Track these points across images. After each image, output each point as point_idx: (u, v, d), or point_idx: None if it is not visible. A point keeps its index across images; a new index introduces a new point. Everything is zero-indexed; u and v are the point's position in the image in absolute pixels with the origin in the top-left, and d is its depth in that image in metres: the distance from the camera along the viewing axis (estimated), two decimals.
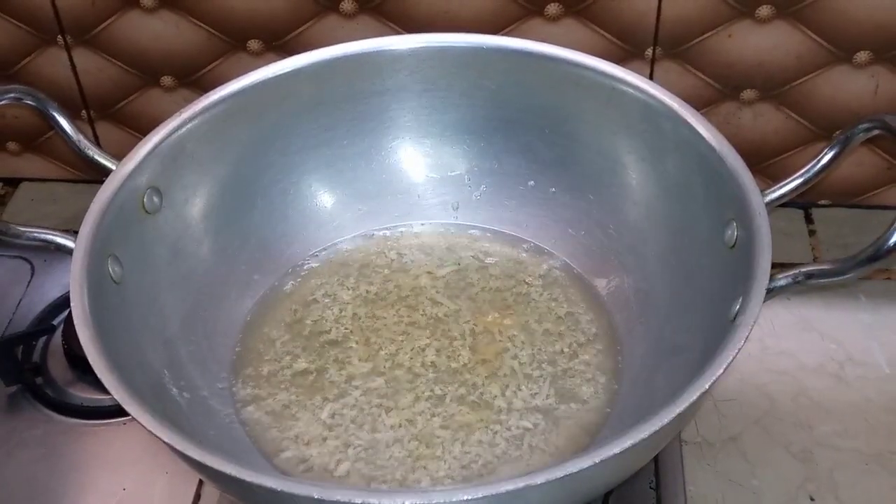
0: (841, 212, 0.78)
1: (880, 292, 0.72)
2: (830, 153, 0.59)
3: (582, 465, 0.45)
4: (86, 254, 0.56)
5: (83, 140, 0.63)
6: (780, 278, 0.55)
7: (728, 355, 0.49)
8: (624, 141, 0.66)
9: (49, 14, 0.75)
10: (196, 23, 0.74)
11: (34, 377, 0.69)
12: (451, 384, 0.63)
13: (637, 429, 0.46)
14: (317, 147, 0.70)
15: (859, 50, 0.69)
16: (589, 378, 0.63)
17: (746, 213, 0.56)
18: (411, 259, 0.71)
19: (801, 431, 0.64)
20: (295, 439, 0.61)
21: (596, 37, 0.71)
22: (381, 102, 0.69)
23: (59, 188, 0.85)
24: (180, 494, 0.62)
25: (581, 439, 0.60)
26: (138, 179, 0.61)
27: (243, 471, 0.46)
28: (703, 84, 0.73)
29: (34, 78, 0.78)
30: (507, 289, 0.69)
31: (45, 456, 0.65)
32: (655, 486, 0.61)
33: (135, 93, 0.79)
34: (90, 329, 0.52)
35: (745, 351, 0.50)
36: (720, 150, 0.59)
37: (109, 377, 0.50)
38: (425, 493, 0.52)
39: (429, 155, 0.72)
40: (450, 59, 0.68)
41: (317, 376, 0.64)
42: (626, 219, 0.67)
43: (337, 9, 0.72)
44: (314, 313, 0.68)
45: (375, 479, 0.58)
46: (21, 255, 0.77)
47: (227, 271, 0.68)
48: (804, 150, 0.75)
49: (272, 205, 0.70)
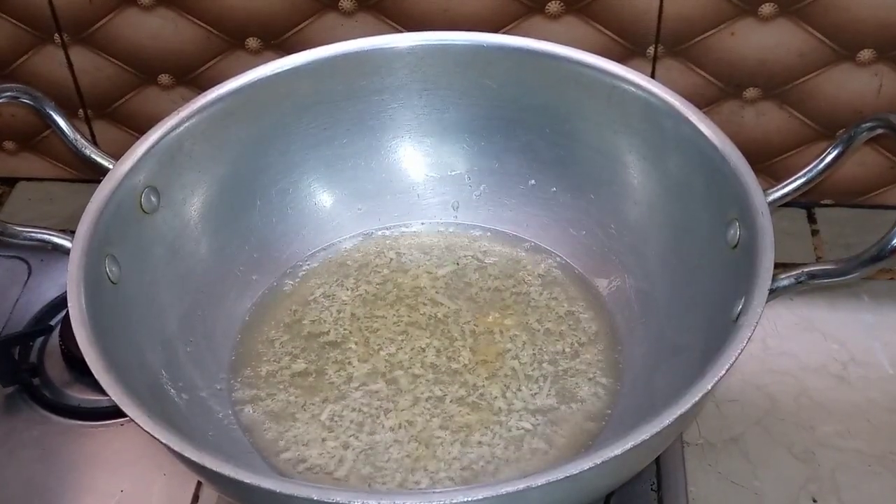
0: (844, 211, 0.78)
1: (883, 292, 0.72)
2: (833, 152, 0.58)
3: (583, 467, 0.45)
4: (83, 253, 0.56)
5: (80, 139, 0.63)
6: (783, 278, 0.54)
7: (730, 356, 0.49)
8: (625, 140, 0.66)
9: (46, 12, 0.75)
10: (194, 21, 0.74)
11: (31, 378, 0.69)
12: (450, 385, 0.63)
13: (639, 430, 0.46)
14: (316, 146, 0.70)
15: (862, 48, 0.69)
16: (590, 378, 0.63)
17: (749, 212, 0.55)
18: (411, 259, 0.71)
19: (804, 432, 0.64)
20: (294, 440, 0.60)
21: (597, 35, 0.71)
22: (380, 101, 0.69)
23: (56, 188, 0.85)
24: (178, 496, 0.62)
25: (582, 440, 0.60)
26: (136, 179, 0.61)
27: (242, 472, 0.46)
28: (705, 82, 0.72)
29: (31, 76, 0.78)
30: (508, 289, 0.68)
31: (42, 457, 0.65)
32: (657, 488, 0.61)
33: (132, 91, 0.78)
34: (87, 329, 0.52)
35: (746, 351, 0.49)
36: (722, 149, 0.58)
37: (107, 378, 0.50)
38: (425, 494, 0.52)
39: (429, 154, 0.72)
40: (450, 58, 0.67)
41: (316, 377, 0.64)
42: (627, 218, 0.67)
43: (336, 7, 0.72)
44: (313, 313, 0.68)
45: (375, 480, 0.58)
46: (18, 254, 0.77)
47: (225, 271, 0.67)
48: (807, 150, 0.75)
49: (271, 204, 0.69)
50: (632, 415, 0.59)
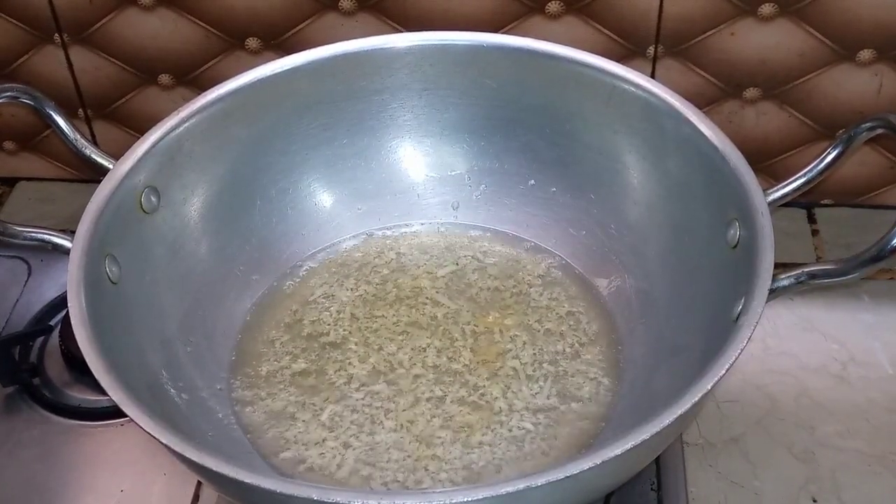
0: (844, 211, 0.78)
1: (883, 292, 0.72)
2: (833, 152, 0.58)
3: (583, 467, 0.45)
4: (83, 253, 0.56)
5: (80, 139, 0.63)
6: (783, 278, 0.54)
7: (730, 356, 0.49)
8: (625, 140, 0.66)
9: (46, 12, 0.75)
10: (194, 21, 0.74)
11: (31, 378, 0.69)
12: (451, 385, 0.63)
13: (639, 430, 0.46)
14: (316, 146, 0.70)
15: (862, 48, 0.69)
16: (590, 378, 0.63)
17: (749, 212, 0.55)
18: (411, 259, 0.71)
19: (804, 432, 0.64)
20: (294, 440, 0.60)
21: (597, 35, 0.71)
22: (380, 101, 0.69)
23: (56, 187, 0.85)
24: (179, 496, 0.62)
25: (582, 440, 0.60)
26: (136, 179, 0.61)
27: (242, 472, 0.46)
28: (705, 82, 0.72)
29: (31, 76, 0.78)
30: (508, 289, 0.68)
31: (42, 457, 0.65)
32: (657, 488, 0.61)
33: (132, 91, 0.78)
34: (87, 329, 0.52)
35: (746, 351, 0.49)
36: (722, 149, 0.58)
37: (107, 378, 0.50)
38: (425, 494, 0.52)
39: (428, 154, 0.72)
40: (450, 58, 0.67)
41: (316, 377, 0.64)
42: (627, 218, 0.67)
43: (336, 7, 0.72)
44: (313, 313, 0.68)
45: (375, 480, 0.58)
46: (18, 254, 0.77)
47: (225, 271, 0.67)
48: (807, 150, 0.75)
49: (271, 204, 0.69)
50: (632, 415, 0.59)
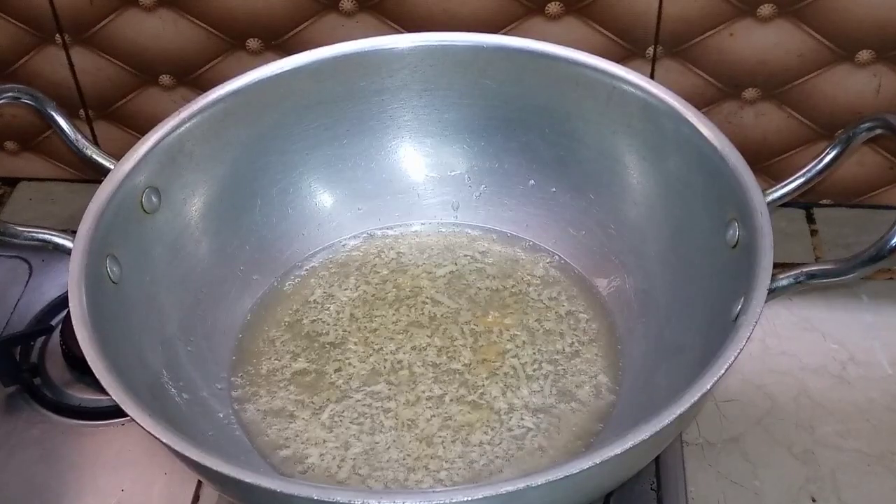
0: (843, 212, 0.78)
1: (882, 292, 0.72)
2: (832, 153, 0.58)
3: (583, 466, 0.45)
4: (84, 254, 0.56)
5: (81, 139, 0.63)
6: (782, 278, 0.54)
7: (730, 355, 0.49)
8: (625, 140, 0.66)
9: (47, 13, 0.75)
10: (195, 21, 0.74)
11: (32, 378, 0.69)
12: (451, 384, 0.63)
13: (638, 429, 0.46)
14: (316, 146, 0.70)
15: (861, 49, 0.69)
16: (590, 378, 0.63)
17: (748, 212, 0.55)
18: (411, 259, 0.71)
19: (803, 432, 0.64)
20: (294, 440, 0.61)
21: (597, 35, 0.71)
22: (380, 101, 0.69)
23: (58, 188, 0.85)
24: (179, 495, 0.62)
25: (582, 440, 0.60)
26: (137, 179, 0.61)
27: (242, 471, 0.46)
28: (704, 83, 0.73)
29: (32, 77, 0.78)
30: (507, 288, 0.68)
31: (43, 457, 0.65)
32: (656, 488, 0.61)
33: (133, 92, 0.79)
34: (88, 329, 0.52)
35: (746, 351, 0.49)
36: (721, 149, 0.58)
37: (108, 377, 0.50)
38: (425, 494, 0.52)
39: (429, 154, 0.72)
40: (450, 58, 0.67)
41: (316, 376, 0.64)
42: (626, 218, 0.67)
43: (336, 7, 0.72)
44: (313, 313, 0.68)
45: (375, 479, 0.58)
46: (19, 255, 0.77)
47: (226, 271, 0.67)
48: (806, 150, 0.75)
49: (271, 204, 0.69)
50: (632, 415, 0.59)
